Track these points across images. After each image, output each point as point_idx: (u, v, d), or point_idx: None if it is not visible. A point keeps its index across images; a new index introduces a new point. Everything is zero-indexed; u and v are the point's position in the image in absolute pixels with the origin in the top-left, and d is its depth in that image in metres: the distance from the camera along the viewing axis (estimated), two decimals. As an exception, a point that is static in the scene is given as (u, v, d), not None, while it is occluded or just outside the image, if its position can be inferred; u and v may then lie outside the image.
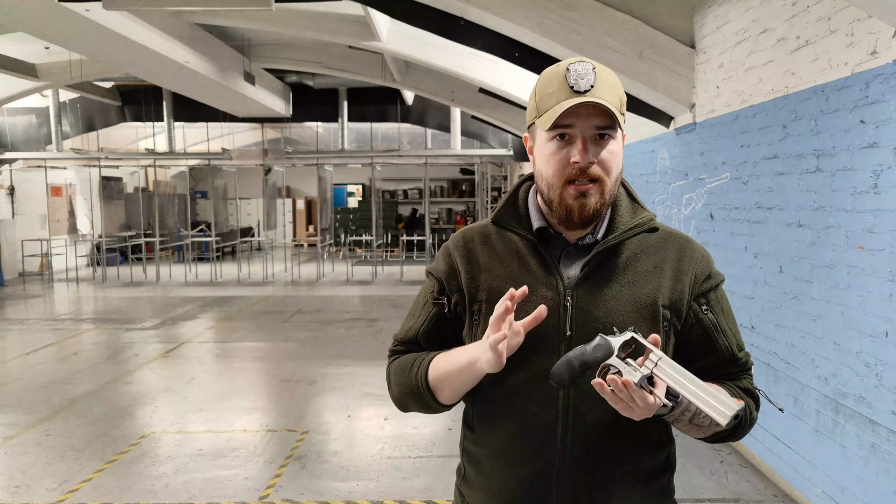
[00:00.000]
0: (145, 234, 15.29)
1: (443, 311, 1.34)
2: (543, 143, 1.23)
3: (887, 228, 2.79)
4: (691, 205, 4.97)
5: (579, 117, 1.18)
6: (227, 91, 10.11)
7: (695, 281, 1.28)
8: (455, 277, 1.33)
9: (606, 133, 1.19)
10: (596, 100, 1.16)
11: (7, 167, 14.04)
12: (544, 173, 1.24)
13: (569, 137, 1.20)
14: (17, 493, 3.80)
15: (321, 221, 17.55)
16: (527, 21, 4.60)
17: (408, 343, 1.38)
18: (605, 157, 1.20)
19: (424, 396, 1.29)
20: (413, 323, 1.38)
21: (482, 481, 1.31)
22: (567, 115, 1.17)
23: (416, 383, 1.30)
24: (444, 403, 1.31)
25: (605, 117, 1.18)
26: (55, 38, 7.30)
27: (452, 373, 1.25)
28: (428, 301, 1.36)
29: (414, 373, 1.31)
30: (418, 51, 7.87)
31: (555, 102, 1.18)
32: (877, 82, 2.84)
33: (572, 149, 1.19)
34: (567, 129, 1.19)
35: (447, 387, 1.27)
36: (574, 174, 1.20)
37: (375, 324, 8.70)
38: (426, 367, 1.29)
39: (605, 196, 1.22)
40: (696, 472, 4.00)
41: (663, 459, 1.31)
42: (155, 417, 5.05)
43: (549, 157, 1.22)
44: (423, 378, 1.29)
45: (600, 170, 1.20)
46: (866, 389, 2.95)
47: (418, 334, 1.36)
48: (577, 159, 1.18)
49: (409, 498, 3.71)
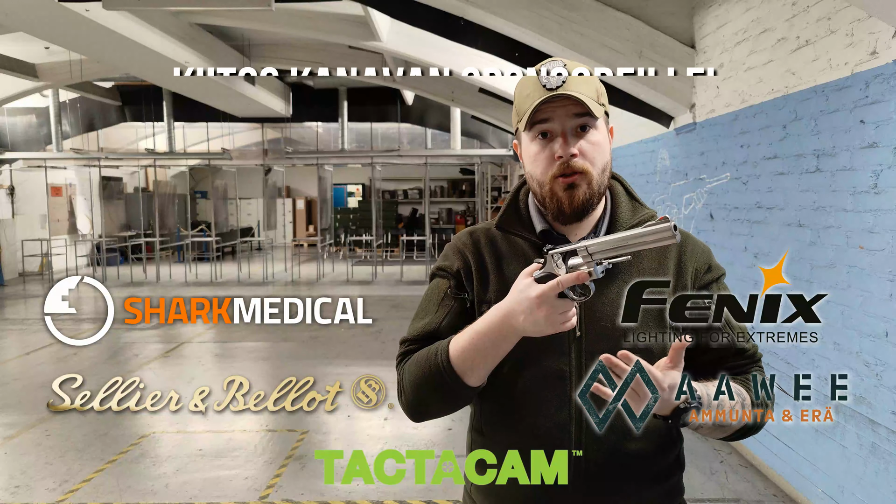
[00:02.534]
0: (145, 234, 15.28)
1: (464, 306, 1.30)
2: (528, 144, 1.25)
3: (887, 228, 2.79)
4: (691, 205, 4.97)
5: (555, 113, 1.20)
6: (227, 91, 10.12)
7: (696, 274, 1.29)
8: (469, 274, 1.31)
9: (586, 124, 1.21)
10: (567, 92, 1.18)
11: (7, 167, 14.04)
12: (533, 173, 1.26)
13: (550, 135, 1.22)
14: (17, 493, 3.80)
15: (321, 221, 17.56)
16: (527, 21, 4.60)
17: (423, 339, 1.29)
18: (586, 147, 1.22)
19: (448, 381, 1.19)
20: (429, 319, 1.30)
21: (493, 486, 1.29)
22: (543, 111, 1.20)
23: (436, 368, 1.20)
24: (472, 385, 1.20)
25: (580, 108, 1.20)
26: (55, 38, 7.30)
27: (483, 343, 1.16)
28: (446, 296, 1.31)
29: (433, 358, 1.22)
30: (419, 51, 7.87)
31: (530, 104, 1.21)
32: (877, 82, 2.84)
33: (555, 144, 1.21)
34: (546, 124, 1.21)
35: (477, 362, 1.17)
36: (560, 169, 1.21)
37: (376, 324, 8.70)
38: (446, 348, 1.21)
39: (594, 186, 1.23)
40: (696, 472, 4.00)
41: (674, 458, 1.31)
42: (155, 417, 5.05)
43: (535, 157, 1.24)
44: (444, 358, 1.20)
45: (584, 161, 1.21)
46: (866, 389, 2.95)
47: (439, 329, 1.28)
48: (560, 153, 1.20)
49: (409, 498, 3.71)
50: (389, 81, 10.76)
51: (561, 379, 1.23)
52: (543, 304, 1.09)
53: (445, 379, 1.20)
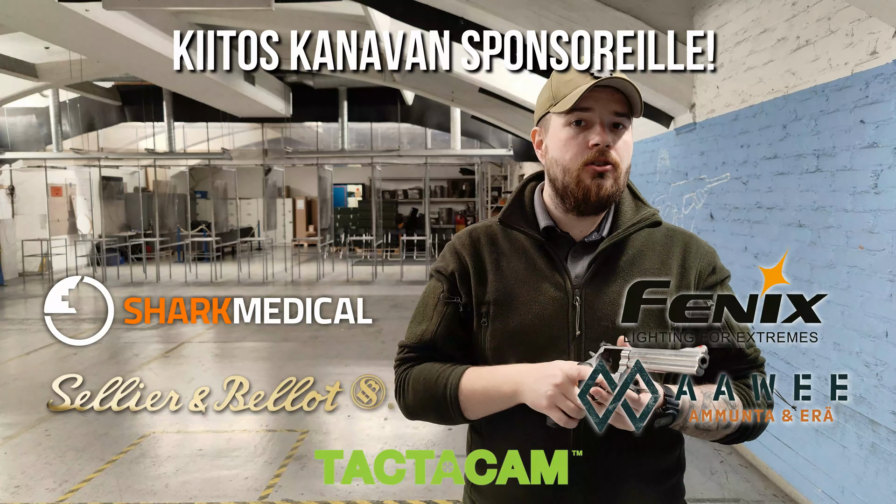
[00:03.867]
0: (145, 234, 15.28)
1: (457, 311, 1.31)
2: (559, 129, 1.24)
3: (887, 228, 2.79)
4: (691, 205, 4.97)
5: (598, 101, 1.19)
6: (227, 91, 10.11)
7: (699, 276, 1.28)
8: (465, 276, 1.31)
9: (621, 123, 1.21)
10: (619, 76, 1.18)
11: (7, 167, 14.04)
12: (560, 158, 1.24)
13: (585, 124, 1.21)
14: (17, 493, 3.80)
15: (321, 221, 17.56)
16: (527, 21, 4.60)
17: (421, 348, 1.33)
18: (620, 145, 1.22)
19: (450, 411, 1.27)
20: (426, 326, 1.33)
21: (493, 486, 1.29)
22: (586, 98, 1.18)
23: (444, 398, 1.26)
24: (468, 419, 1.29)
25: (624, 104, 1.20)
26: (55, 38, 7.30)
27: (491, 397, 1.23)
28: (440, 301, 1.33)
29: (441, 387, 1.26)
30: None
31: (574, 87, 1.19)
32: (877, 82, 2.84)
33: (590, 133, 1.20)
34: (585, 112, 1.20)
35: (480, 407, 1.25)
36: (593, 156, 1.20)
37: (376, 324, 8.69)
38: (457, 383, 1.25)
39: (620, 183, 1.23)
40: (696, 472, 4.00)
41: (674, 459, 1.31)
42: (155, 417, 5.05)
43: (567, 142, 1.22)
44: (453, 394, 1.25)
45: (617, 155, 1.21)
46: (866, 389, 2.95)
47: (434, 336, 1.32)
48: (597, 140, 1.19)
49: (409, 498, 3.71)
50: (389, 81, 10.76)
51: None
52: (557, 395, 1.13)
53: (449, 410, 1.27)
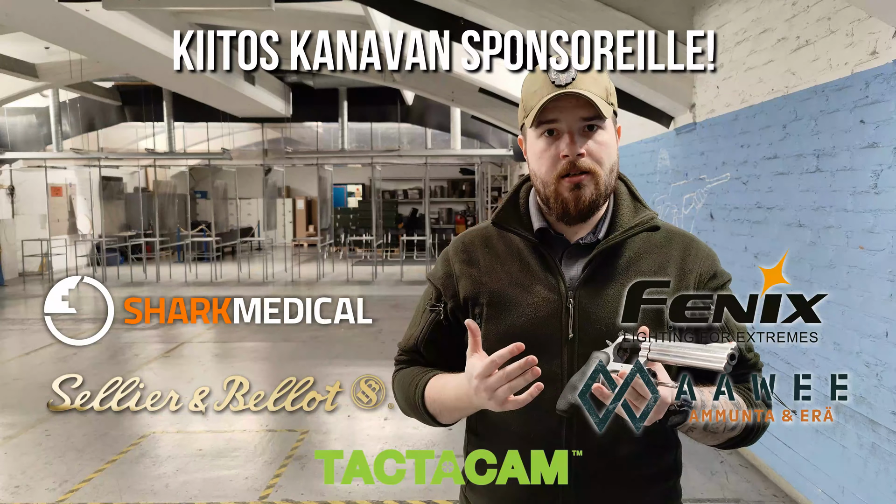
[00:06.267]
0: (145, 234, 15.28)
1: (439, 318, 1.33)
2: (534, 141, 1.23)
3: (887, 228, 2.79)
4: (691, 205, 4.97)
5: (563, 111, 1.18)
6: (227, 91, 10.11)
7: (699, 280, 1.26)
8: (451, 283, 1.32)
9: (594, 124, 1.20)
10: (576, 90, 1.17)
11: (7, 167, 14.04)
12: (537, 171, 1.24)
13: (557, 133, 1.20)
14: (17, 493, 3.80)
15: (321, 221, 17.56)
16: (527, 21, 4.60)
17: (409, 352, 1.39)
18: (593, 147, 1.20)
19: (426, 417, 1.32)
20: (413, 331, 1.39)
21: (489, 485, 1.29)
22: (551, 109, 1.18)
23: (416, 406, 1.32)
24: (444, 424, 1.32)
25: (589, 108, 1.18)
26: (55, 38, 7.31)
27: (448, 408, 1.27)
28: (426, 309, 1.36)
29: (412, 394, 1.32)
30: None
31: (538, 100, 1.19)
32: (877, 82, 2.84)
33: (561, 143, 1.19)
34: (553, 124, 1.20)
35: (447, 415, 1.29)
36: (565, 168, 1.20)
37: (375, 324, 8.69)
38: (422, 393, 1.30)
39: (601, 187, 1.21)
40: (695, 472, 4.00)
41: (670, 462, 1.31)
42: (155, 417, 5.05)
43: (541, 154, 1.22)
44: (421, 403, 1.30)
45: (591, 161, 1.20)
46: (866, 389, 2.95)
47: (418, 342, 1.37)
48: (566, 152, 1.19)
49: (409, 498, 3.71)
50: (389, 81, 10.76)
51: (552, 381, 1.19)
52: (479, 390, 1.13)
53: (424, 416, 1.32)
